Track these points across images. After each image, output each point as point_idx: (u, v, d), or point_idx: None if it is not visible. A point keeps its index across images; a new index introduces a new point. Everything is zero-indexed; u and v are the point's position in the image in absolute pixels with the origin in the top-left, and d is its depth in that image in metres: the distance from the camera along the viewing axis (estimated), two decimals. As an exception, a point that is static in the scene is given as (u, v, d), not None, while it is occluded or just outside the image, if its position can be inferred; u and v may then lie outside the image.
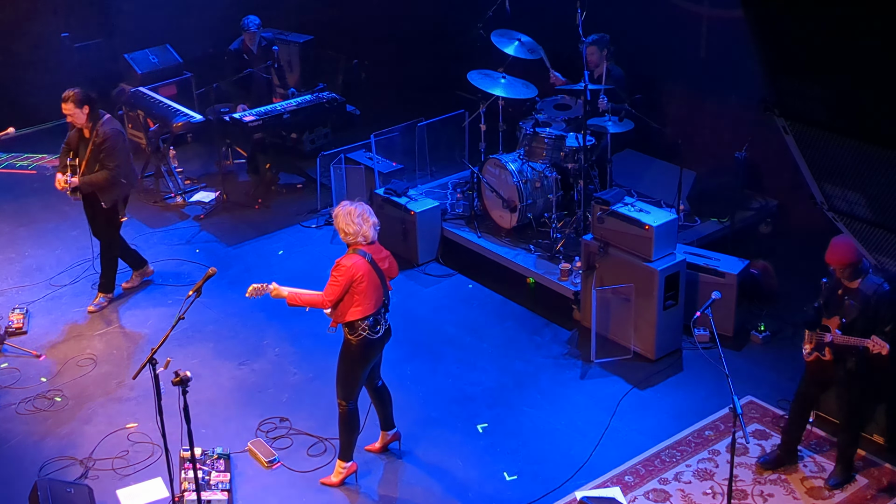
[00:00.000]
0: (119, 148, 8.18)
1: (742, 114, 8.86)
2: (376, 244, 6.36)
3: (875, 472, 6.62)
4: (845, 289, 6.21)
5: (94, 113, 8.12)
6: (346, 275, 6.15)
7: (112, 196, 8.28)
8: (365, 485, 6.69)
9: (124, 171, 8.27)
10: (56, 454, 6.97)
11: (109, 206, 8.31)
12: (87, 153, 8.14)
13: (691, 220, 9.01)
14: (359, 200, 6.44)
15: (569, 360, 7.91)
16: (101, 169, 8.14)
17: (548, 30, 9.57)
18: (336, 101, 10.71)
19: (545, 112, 9.24)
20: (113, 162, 8.13)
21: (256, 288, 6.24)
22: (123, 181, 8.29)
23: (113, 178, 8.17)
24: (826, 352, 6.25)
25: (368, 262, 6.22)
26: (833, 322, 6.21)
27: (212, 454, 6.83)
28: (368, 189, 9.74)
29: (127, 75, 11.75)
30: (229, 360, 7.98)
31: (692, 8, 9.42)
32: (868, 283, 6.15)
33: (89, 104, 8.08)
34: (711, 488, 6.55)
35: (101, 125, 8.11)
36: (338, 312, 6.28)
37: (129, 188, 8.50)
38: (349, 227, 6.23)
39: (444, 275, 9.14)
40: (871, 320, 6.11)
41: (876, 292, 6.12)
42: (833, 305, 6.27)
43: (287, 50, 12.29)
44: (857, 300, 6.14)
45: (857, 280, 6.16)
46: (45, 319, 8.52)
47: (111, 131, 8.14)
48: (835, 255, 6.12)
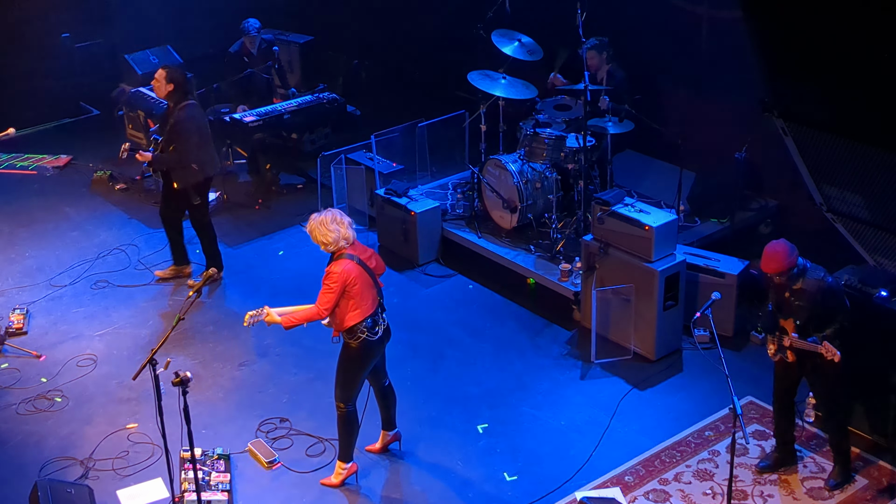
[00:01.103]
0: (187, 133, 8.38)
1: (742, 114, 8.85)
2: (358, 243, 6.34)
3: (874, 473, 6.62)
4: (791, 290, 6.20)
5: (178, 95, 8.34)
6: (339, 281, 6.13)
7: (182, 178, 8.50)
8: (365, 485, 6.70)
9: (195, 157, 8.46)
10: (56, 454, 6.97)
11: (180, 189, 8.52)
12: (166, 132, 8.43)
13: (691, 221, 9.01)
14: (346, 203, 6.40)
15: (569, 361, 7.92)
16: (175, 150, 8.39)
17: (548, 30, 9.56)
18: (336, 101, 10.72)
19: (545, 113, 9.25)
20: (180, 145, 8.35)
21: (252, 315, 6.23)
22: (194, 167, 8.46)
23: (176, 160, 8.40)
24: (788, 354, 6.27)
25: (357, 263, 6.21)
26: (789, 324, 6.22)
27: (212, 454, 6.83)
28: (369, 189, 9.74)
29: (127, 76, 11.76)
30: (229, 360, 7.99)
31: (692, 9, 9.42)
32: (810, 280, 6.12)
33: (175, 84, 8.35)
34: (711, 489, 6.56)
35: (179, 108, 8.34)
36: (336, 321, 6.26)
37: (201, 175, 8.60)
38: (327, 236, 6.20)
39: (444, 275, 9.14)
40: (823, 315, 6.12)
41: (820, 288, 6.10)
42: (784, 307, 6.26)
43: (287, 50, 12.30)
44: (803, 300, 6.13)
45: (800, 281, 6.16)
46: (46, 320, 8.52)
47: (184, 117, 8.35)
48: (771, 263, 6.08)
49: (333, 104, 10.65)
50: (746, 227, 9.06)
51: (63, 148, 11.57)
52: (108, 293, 8.89)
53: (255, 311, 6.23)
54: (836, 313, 6.14)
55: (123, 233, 9.88)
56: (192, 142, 8.40)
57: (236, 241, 9.72)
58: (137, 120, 10.99)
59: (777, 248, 6.06)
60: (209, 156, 8.66)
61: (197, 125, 8.47)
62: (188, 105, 8.39)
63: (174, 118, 8.34)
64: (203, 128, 8.59)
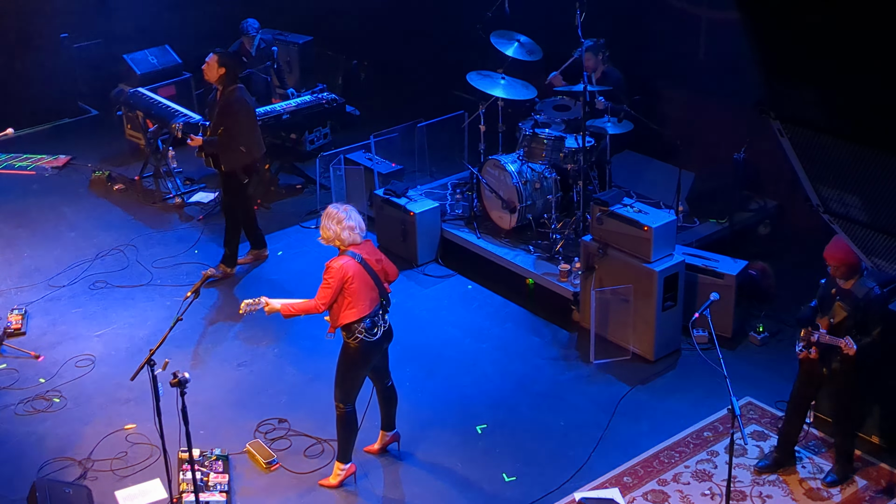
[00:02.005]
0: (237, 115, 8.57)
1: (741, 115, 8.85)
2: (369, 245, 6.34)
3: (873, 473, 6.62)
4: (839, 289, 6.22)
5: (228, 79, 8.53)
6: (336, 276, 6.14)
7: (230, 161, 8.63)
8: (363, 486, 6.69)
9: (245, 140, 8.62)
10: (55, 455, 6.97)
11: (228, 171, 8.65)
12: (214, 116, 8.62)
13: (690, 221, 9.01)
14: (349, 203, 6.42)
15: (568, 361, 7.91)
16: (224, 133, 8.54)
17: (547, 31, 9.56)
18: (335, 101, 10.71)
19: (544, 113, 9.24)
20: (231, 127, 8.52)
21: (249, 303, 6.22)
22: (242, 149, 8.61)
23: (226, 142, 8.54)
24: (813, 350, 6.26)
25: (359, 262, 6.21)
26: (824, 322, 6.23)
27: (210, 455, 6.83)
28: (368, 190, 9.74)
29: (126, 76, 11.75)
30: (228, 361, 7.98)
31: (691, 9, 9.42)
32: (860, 286, 6.16)
33: (227, 68, 8.52)
34: (710, 489, 6.55)
35: (229, 91, 8.53)
36: (332, 316, 6.27)
37: (249, 157, 8.73)
38: (325, 231, 6.27)
39: (443, 275, 9.14)
40: (860, 324, 6.12)
41: (867, 296, 6.12)
42: (826, 305, 6.28)
43: (286, 50, 12.29)
44: (847, 302, 6.15)
45: (851, 281, 6.17)
46: (44, 320, 8.51)
47: (235, 98, 8.55)
48: (834, 251, 6.12)
49: (332, 104, 10.64)
50: (745, 228, 9.06)
51: (62, 148, 11.57)
52: (107, 293, 8.89)
53: (252, 301, 6.23)
54: (872, 325, 6.14)
55: (122, 233, 9.87)
56: (242, 124, 8.61)
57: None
58: (136, 120, 10.99)
59: (840, 243, 6.05)
60: (257, 138, 8.88)
61: (246, 108, 8.70)
62: (238, 88, 8.62)
63: (224, 100, 8.55)
64: (251, 111, 8.83)
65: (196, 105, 11.53)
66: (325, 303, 6.17)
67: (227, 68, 8.54)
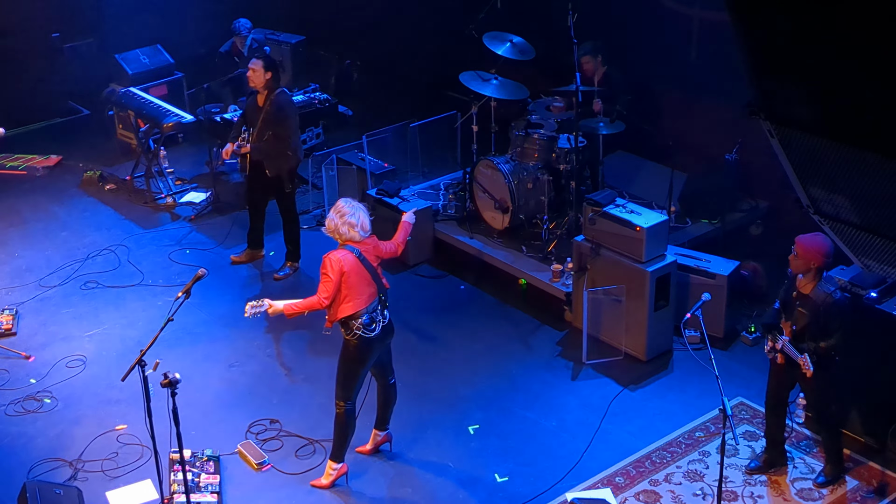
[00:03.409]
0: (287, 119, 8.58)
1: (733, 116, 8.85)
2: (371, 243, 6.35)
3: (864, 473, 6.63)
4: (799, 294, 6.19)
5: (274, 83, 8.50)
6: (334, 269, 6.14)
7: (277, 166, 8.62)
8: (356, 486, 6.68)
9: (293, 144, 8.64)
10: (45, 456, 6.95)
11: (273, 176, 8.63)
12: (260, 122, 8.50)
13: (682, 222, 9.01)
14: (357, 200, 6.44)
15: (560, 362, 7.91)
16: (273, 137, 8.47)
17: (540, 31, 9.56)
18: (328, 101, 10.70)
19: (537, 113, 9.24)
20: (283, 131, 8.51)
21: (253, 305, 6.22)
22: (289, 153, 8.61)
23: (278, 146, 8.53)
24: (778, 356, 6.28)
25: (357, 256, 6.21)
26: (787, 326, 6.23)
27: (201, 456, 6.81)
28: (360, 190, 9.73)
29: (117, 75, 11.72)
30: (219, 361, 7.97)
31: (683, 10, 9.42)
32: (819, 291, 6.13)
33: (273, 71, 8.50)
34: (702, 489, 6.56)
35: (276, 95, 8.49)
36: (330, 310, 6.27)
37: (296, 161, 8.77)
38: (329, 221, 6.32)
39: (435, 276, 9.13)
40: (822, 328, 6.12)
41: (825, 301, 6.10)
42: (789, 309, 6.27)
43: (278, 50, 12.27)
44: (807, 308, 6.13)
45: (810, 286, 6.15)
46: (35, 321, 8.49)
47: (284, 102, 8.55)
48: (806, 243, 6.08)
49: (325, 104, 10.63)
50: (737, 228, 9.07)
51: (53, 148, 11.52)
52: (98, 294, 8.86)
53: (256, 302, 6.22)
54: (833, 329, 6.13)
55: (113, 233, 9.85)
56: (292, 127, 8.62)
57: (227, 241, 9.68)
58: (128, 120, 10.96)
59: (816, 240, 6.03)
60: (299, 142, 8.93)
61: (295, 111, 8.77)
62: (282, 91, 8.63)
63: (273, 105, 8.49)
64: (297, 114, 8.87)
65: (187, 105, 11.50)
66: (327, 296, 6.16)
67: (273, 72, 8.54)
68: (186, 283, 6.05)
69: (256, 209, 9.16)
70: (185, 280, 8.60)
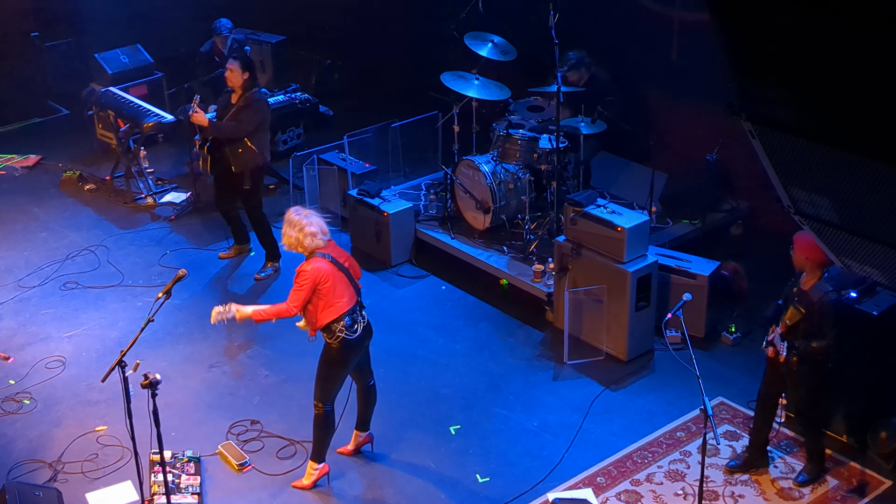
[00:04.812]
0: (256, 112, 8.56)
1: (713, 117, 8.89)
2: (333, 244, 6.34)
3: (844, 473, 6.67)
4: (799, 290, 6.24)
5: (251, 83, 8.55)
6: (309, 278, 6.12)
7: (241, 161, 8.59)
8: (337, 487, 6.67)
9: (257, 140, 8.60)
10: (25, 457, 6.90)
11: (238, 173, 8.60)
12: (229, 115, 8.57)
13: (663, 222, 9.04)
14: (320, 203, 6.41)
15: (541, 362, 7.92)
16: (235, 125, 8.51)
17: (521, 32, 9.57)
18: (309, 101, 10.68)
19: (518, 114, 9.25)
20: (245, 120, 8.50)
21: (220, 311, 6.19)
22: (255, 149, 8.58)
23: (234, 130, 8.49)
24: (770, 349, 6.31)
25: (330, 261, 6.20)
26: (783, 322, 6.26)
27: (182, 457, 6.78)
28: (341, 190, 9.71)
29: (97, 75, 11.65)
30: (200, 362, 7.93)
31: (664, 11, 9.45)
32: (817, 289, 6.17)
33: (251, 72, 8.55)
34: (683, 489, 6.58)
35: (250, 93, 8.53)
36: (310, 319, 6.24)
37: (262, 160, 8.72)
38: (286, 237, 6.30)
39: (417, 276, 9.12)
40: (814, 326, 6.15)
41: (820, 300, 6.14)
42: (787, 303, 6.31)
43: (259, 50, 12.24)
44: (803, 304, 6.17)
45: (811, 283, 6.19)
46: (14, 321, 8.43)
47: (258, 97, 8.62)
48: (800, 238, 6.12)
49: (306, 104, 10.61)
50: (717, 229, 9.11)
51: (32, 148, 11.46)
52: (78, 294, 8.81)
53: (222, 308, 6.19)
54: (826, 329, 6.16)
55: (93, 233, 9.79)
56: (256, 121, 8.58)
57: (207, 241, 9.65)
58: (107, 119, 10.89)
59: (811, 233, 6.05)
60: (267, 142, 8.88)
61: (266, 110, 8.75)
62: (261, 90, 8.76)
63: (246, 99, 8.50)
64: (269, 114, 8.86)
65: (168, 104, 11.45)
66: (297, 306, 6.14)
67: (251, 71, 8.57)
68: (166, 283, 6.02)
69: (229, 216, 9.14)
70: (165, 280, 8.58)
